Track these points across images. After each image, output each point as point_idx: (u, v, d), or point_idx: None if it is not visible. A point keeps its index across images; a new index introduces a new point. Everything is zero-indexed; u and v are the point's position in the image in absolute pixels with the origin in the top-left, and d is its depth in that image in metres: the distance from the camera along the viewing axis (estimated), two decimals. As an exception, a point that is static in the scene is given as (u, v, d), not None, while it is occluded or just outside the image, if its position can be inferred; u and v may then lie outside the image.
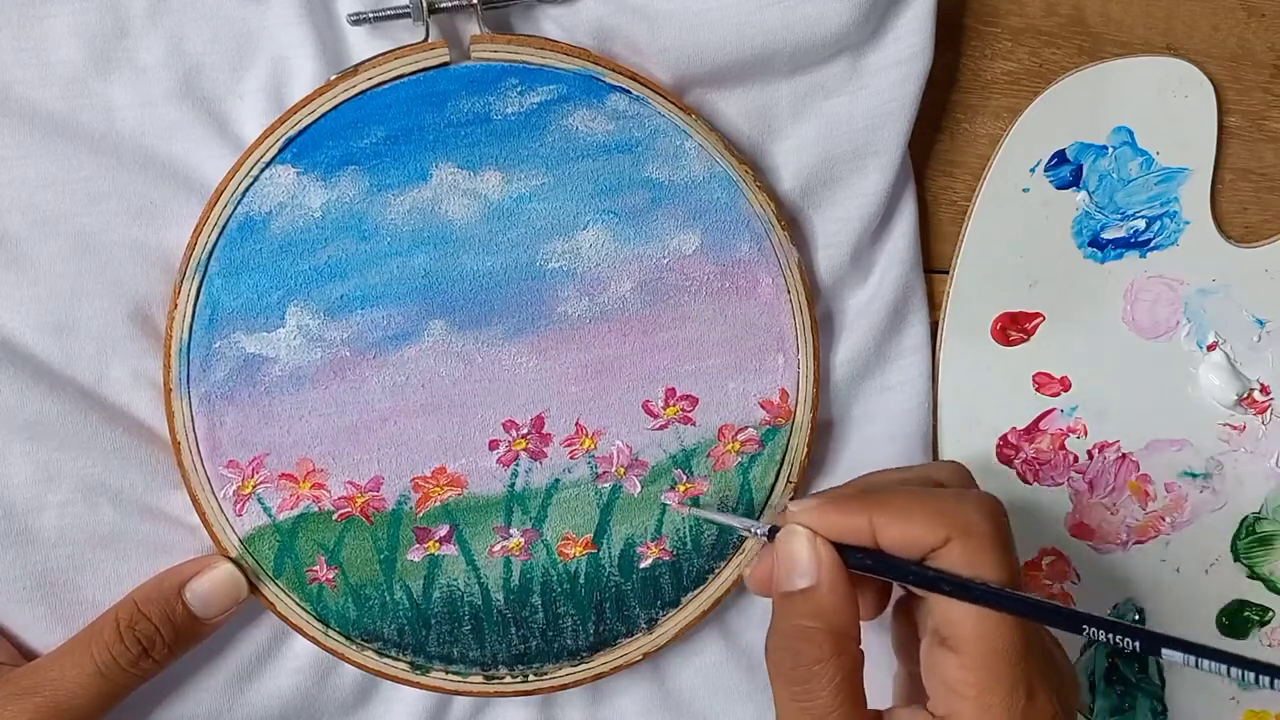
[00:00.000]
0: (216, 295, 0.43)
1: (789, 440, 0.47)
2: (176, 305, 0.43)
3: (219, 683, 0.46)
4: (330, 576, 0.45)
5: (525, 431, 0.45)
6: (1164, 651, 0.36)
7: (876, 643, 0.44)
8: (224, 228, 0.43)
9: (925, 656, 0.39)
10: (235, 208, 0.43)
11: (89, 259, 0.43)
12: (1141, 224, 0.51)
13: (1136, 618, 0.53)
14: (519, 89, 0.44)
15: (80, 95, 0.43)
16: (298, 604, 0.45)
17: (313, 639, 0.45)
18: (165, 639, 0.42)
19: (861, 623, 0.42)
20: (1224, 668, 0.35)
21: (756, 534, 0.44)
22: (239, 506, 0.44)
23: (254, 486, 0.44)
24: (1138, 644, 0.36)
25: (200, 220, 0.43)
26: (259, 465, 0.44)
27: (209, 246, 0.43)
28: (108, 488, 0.44)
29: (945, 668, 0.38)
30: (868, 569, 0.39)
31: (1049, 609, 0.37)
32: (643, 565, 0.47)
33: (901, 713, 0.40)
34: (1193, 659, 0.35)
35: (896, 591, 0.44)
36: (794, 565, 0.40)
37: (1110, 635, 0.37)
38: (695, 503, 0.47)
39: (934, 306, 0.51)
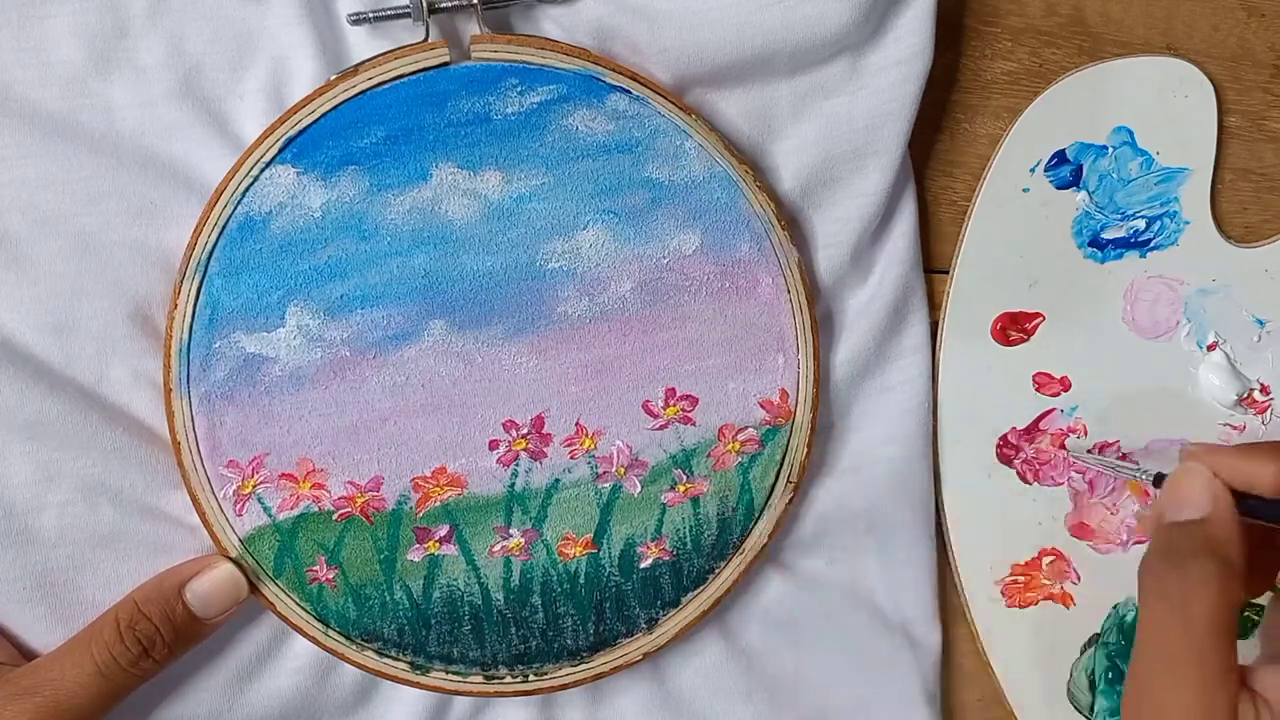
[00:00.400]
0: (216, 295, 0.43)
1: (789, 440, 0.47)
2: (176, 305, 0.43)
3: (219, 683, 0.46)
4: (330, 576, 0.45)
5: (525, 431, 0.45)
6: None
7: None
8: (224, 228, 0.43)
9: None
10: (235, 208, 0.43)
11: (89, 259, 0.43)
12: (1141, 224, 0.51)
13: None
14: (519, 89, 0.44)
15: (80, 95, 0.43)
16: (298, 604, 0.45)
17: (313, 639, 0.45)
18: (165, 639, 0.42)
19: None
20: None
21: (1142, 477, 0.44)
22: (239, 506, 0.44)
23: (254, 486, 0.44)
24: None
25: (200, 220, 0.43)
26: (259, 465, 0.44)
27: (209, 246, 0.43)
28: (108, 488, 0.44)
29: None
30: (1264, 516, 0.40)
31: None
32: (643, 565, 0.47)
33: (1267, 667, 0.39)
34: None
35: None
36: (1185, 497, 0.40)
37: None
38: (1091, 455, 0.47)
39: (934, 306, 0.51)
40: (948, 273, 0.51)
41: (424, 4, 0.43)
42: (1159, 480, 0.42)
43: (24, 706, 0.40)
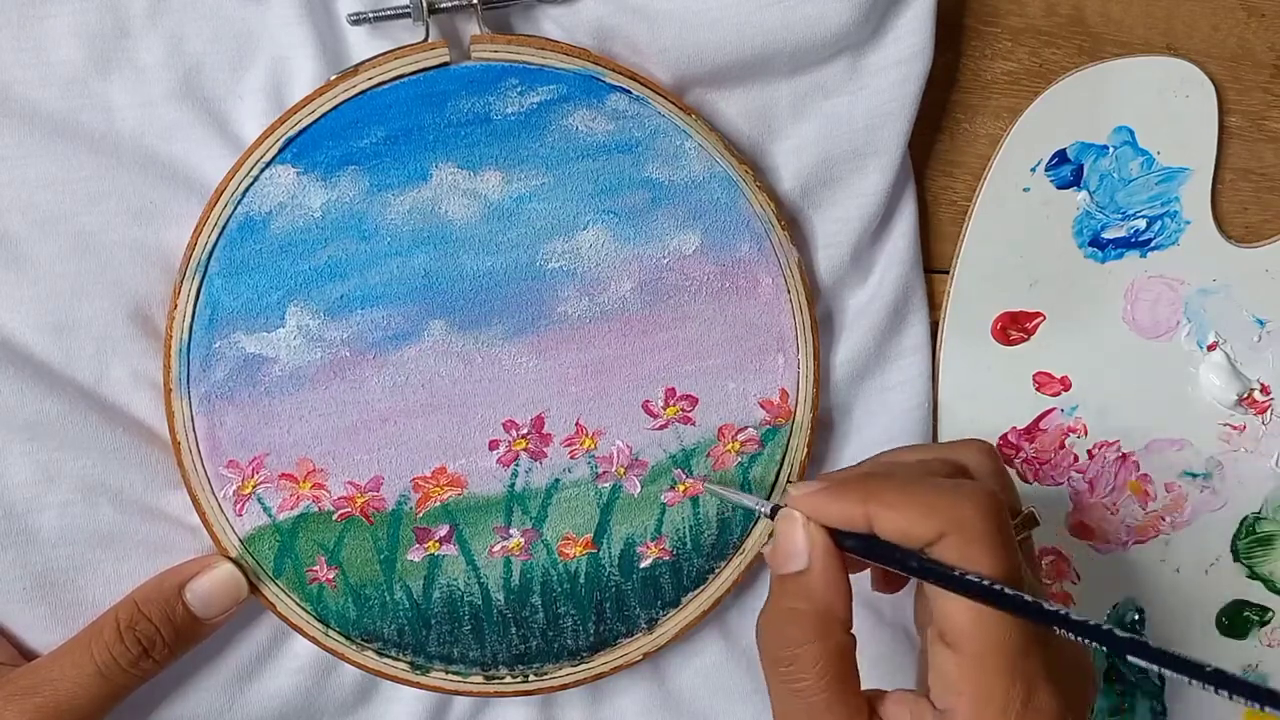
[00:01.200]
0: (216, 295, 0.43)
1: (789, 440, 0.47)
2: (176, 305, 0.43)
3: (219, 683, 0.46)
4: (330, 576, 0.45)
5: (525, 431, 0.45)
6: (1129, 657, 0.35)
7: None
8: (224, 228, 0.43)
9: (928, 648, 0.39)
10: (235, 208, 0.43)
11: (89, 259, 0.43)
12: (1142, 224, 0.51)
13: (1136, 618, 0.53)
14: (519, 89, 0.44)
15: (80, 95, 0.43)
16: (298, 604, 0.45)
17: (313, 639, 0.45)
18: (165, 639, 0.42)
19: (888, 596, 0.42)
20: (1185, 679, 0.34)
21: (761, 512, 0.44)
22: (239, 506, 0.44)
23: (254, 486, 0.44)
24: (1104, 648, 0.35)
25: (200, 220, 0.43)
26: (259, 465, 0.44)
27: (209, 246, 0.43)
28: (108, 488, 0.44)
29: (943, 663, 0.38)
30: (861, 554, 0.39)
31: (1030, 605, 0.36)
32: (643, 565, 0.47)
33: (903, 695, 0.40)
34: (1154, 667, 0.35)
35: None
36: (787, 548, 0.40)
37: (1078, 637, 0.35)
38: (717, 479, 0.47)
39: (934, 306, 0.51)
40: (948, 273, 0.51)
41: (424, 4, 0.43)
42: (774, 513, 0.41)
43: (24, 706, 0.40)
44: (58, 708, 0.41)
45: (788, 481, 0.48)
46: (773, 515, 0.42)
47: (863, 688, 0.52)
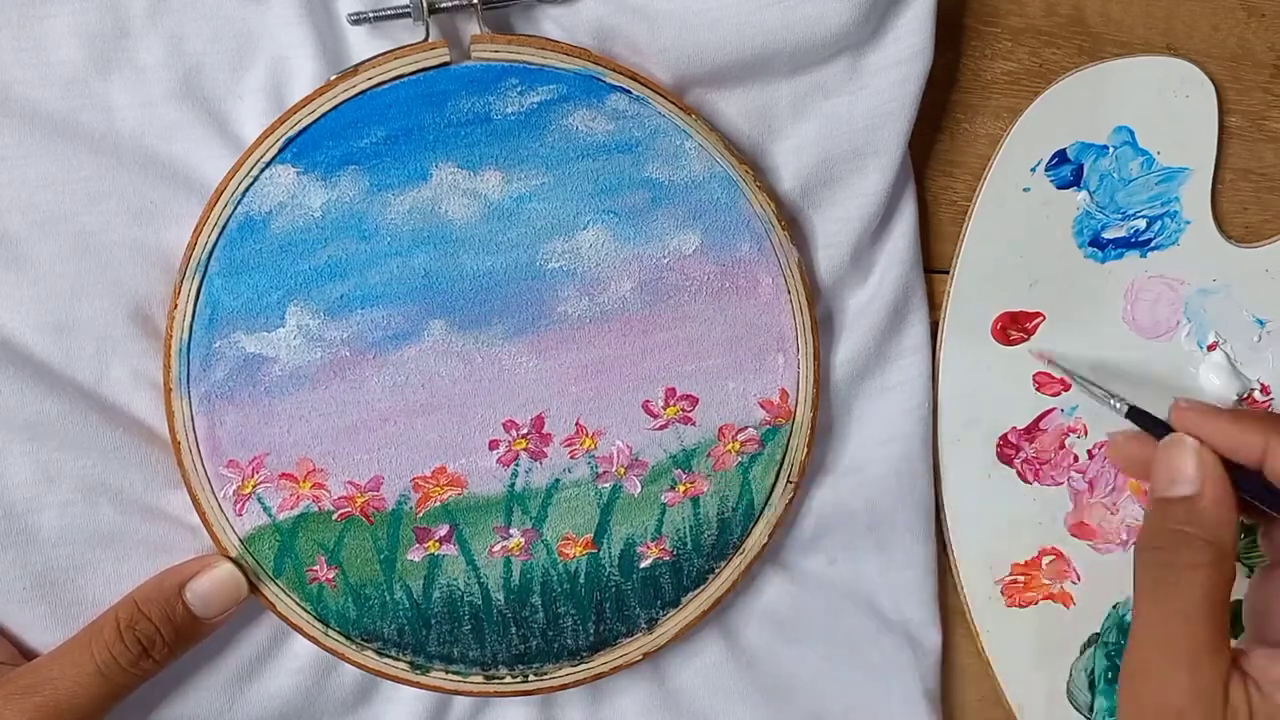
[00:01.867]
0: (216, 295, 0.43)
1: (789, 440, 0.47)
2: (176, 305, 0.43)
3: (219, 683, 0.46)
4: (330, 576, 0.45)
5: (525, 431, 0.45)
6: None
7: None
8: (224, 228, 0.43)
9: None
10: (235, 208, 0.43)
11: (89, 259, 0.43)
12: (1142, 224, 0.51)
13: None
14: (519, 89, 0.44)
15: (80, 95, 0.43)
16: (298, 604, 0.45)
17: (313, 639, 0.45)
18: (165, 639, 0.42)
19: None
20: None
21: (1116, 407, 0.43)
22: (239, 506, 0.44)
23: (254, 486, 0.44)
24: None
25: (200, 220, 0.43)
26: (259, 465, 0.44)
27: (209, 246, 0.43)
28: (108, 488, 0.44)
29: None
30: (1258, 499, 0.39)
31: None
32: (643, 565, 0.47)
33: (1270, 651, 0.39)
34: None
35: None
36: (1177, 472, 0.39)
37: None
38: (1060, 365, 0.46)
39: (934, 306, 0.51)
40: (948, 273, 0.51)
41: (424, 4, 0.43)
42: (1132, 414, 0.41)
43: (24, 706, 0.40)
44: (57, 707, 0.41)
45: (787, 481, 0.48)
46: (1131, 417, 0.41)
47: (866, 689, 0.52)
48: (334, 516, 0.45)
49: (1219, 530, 0.38)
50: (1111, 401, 0.43)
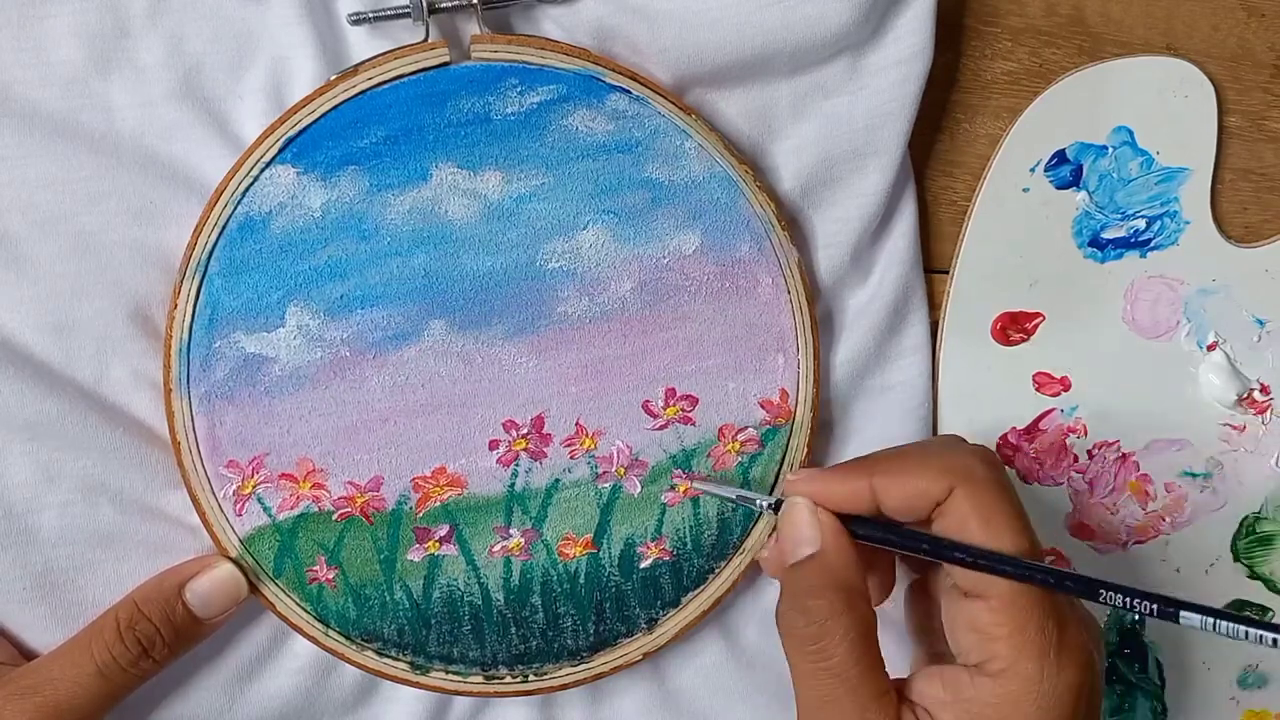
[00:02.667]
0: (216, 295, 0.43)
1: (789, 440, 0.47)
2: (176, 305, 0.43)
3: (219, 683, 0.46)
4: (330, 576, 0.45)
5: (525, 431, 0.45)
6: (1182, 615, 0.36)
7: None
8: (224, 228, 0.43)
9: (948, 612, 0.40)
10: (235, 208, 0.43)
11: (89, 259, 0.43)
12: (1142, 224, 0.51)
13: (1136, 618, 0.53)
14: (519, 89, 0.44)
15: (80, 95, 0.43)
16: (298, 604, 0.45)
17: (313, 639, 0.45)
18: (165, 639, 0.42)
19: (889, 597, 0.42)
20: (1242, 630, 0.35)
21: (762, 506, 0.44)
22: (239, 506, 0.44)
23: (254, 486, 0.44)
24: (1154, 607, 0.37)
25: (200, 220, 0.43)
26: (259, 465, 0.44)
27: (209, 246, 0.43)
28: (108, 488, 0.44)
29: (974, 615, 0.38)
30: (875, 540, 0.40)
31: (1066, 576, 0.37)
32: (643, 565, 0.47)
33: (928, 671, 0.40)
34: (1210, 621, 0.36)
35: (901, 576, 0.44)
36: (797, 535, 0.40)
37: (1128, 600, 0.37)
38: (713, 478, 0.47)
39: (934, 306, 0.51)
40: (948, 273, 0.51)
41: (424, 4, 0.43)
42: (778, 507, 0.42)
43: (24, 706, 0.40)
44: (57, 707, 0.41)
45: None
46: (775, 509, 0.42)
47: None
48: (334, 517, 0.45)
49: (846, 574, 0.39)
50: (757, 504, 0.44)
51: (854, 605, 0.39)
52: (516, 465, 0.46)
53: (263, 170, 0.43)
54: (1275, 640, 0.35)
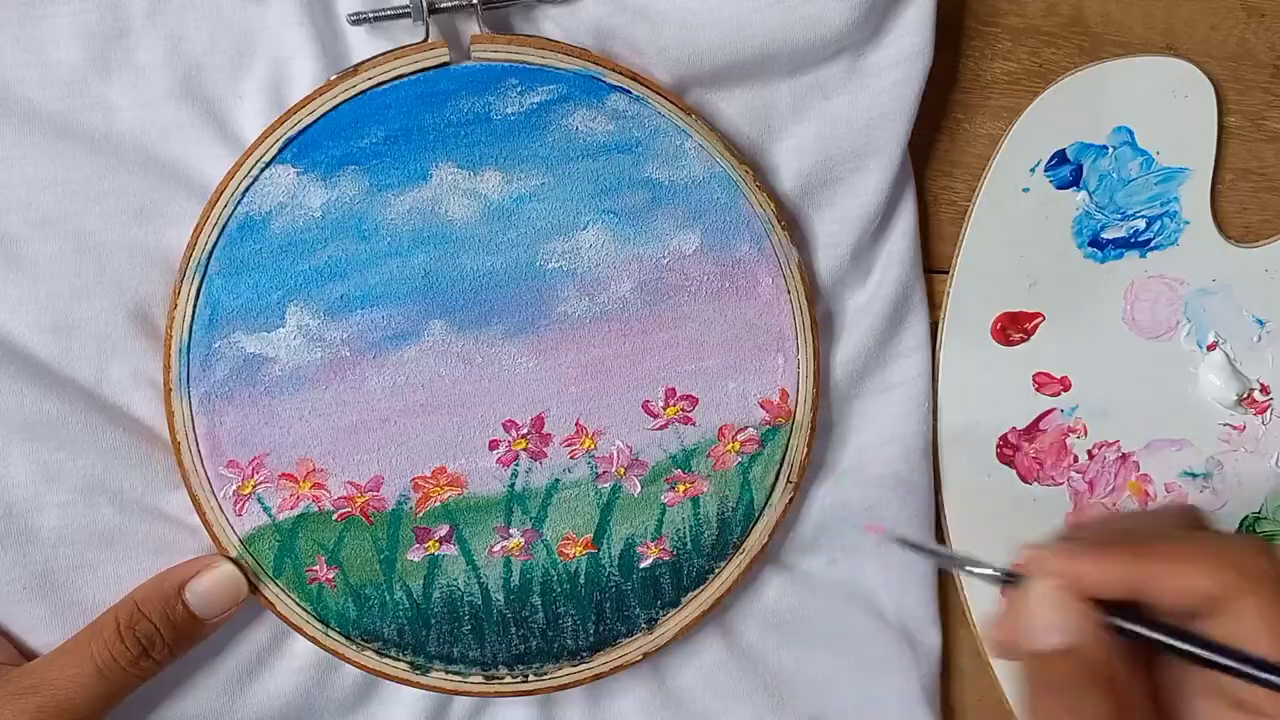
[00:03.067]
0: (216, 295, 0.43)
1: (789, 440, 0.47)
2: (176, 305, 0.43)
3: (219, 683, 0.46)
4: (330, 576, 0.45)
5: (525, 431, 0.45)
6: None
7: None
8: (224, 228, 0.43)
9: (1205, 714, 0.34)
10: (235, 208, 0.43)
11: (89, 259, 0.43)
12: (1141, 224, 0.51)
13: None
14: (519, 89, 0.44)
15: (80, 95, 0.43)
16: (298, 604, 0.45)
17: (313, 639, 0.45)
18: (165, 639, 0.42)
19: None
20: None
21: (994, 576, 0.37)
22: (239, 506, 0.44)
23: (254, 486, 0.44)
24: None
25: (200, 220, 0.43)
26: (259, 465, 0.44)
27: (209, 246, 0.43)
28: (108, 488, 0.44)
29: None
30: (1145, 640, 0.33)
31: None
32: (643, 565, 0.47)
33: None
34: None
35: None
36: (1037, 624, 0.34)
37: None
38: (909, 544, 0.43)
39: (934, 306, 0.51)
40: (948, 273, 0.51)
41: (424, 4, 0.43)
42: (1010, 579, 0.35)
43: (24, 706, 0.40)
44: (57, 707, 0.41)
45: (787, 481, 0.48)
46: (1006, 581, 0.35)
47: (866, 689, 0.51)
48: (334, 517, 0.45)
49: (1113, 670, 0.34)
50: (986, 573, 0.37)
51: (1128, 706, 0.33)
52: (516, 465, 0.46)
53: (263, 170, 0.43)
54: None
